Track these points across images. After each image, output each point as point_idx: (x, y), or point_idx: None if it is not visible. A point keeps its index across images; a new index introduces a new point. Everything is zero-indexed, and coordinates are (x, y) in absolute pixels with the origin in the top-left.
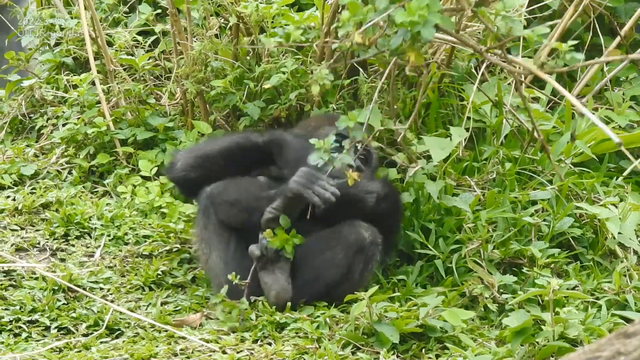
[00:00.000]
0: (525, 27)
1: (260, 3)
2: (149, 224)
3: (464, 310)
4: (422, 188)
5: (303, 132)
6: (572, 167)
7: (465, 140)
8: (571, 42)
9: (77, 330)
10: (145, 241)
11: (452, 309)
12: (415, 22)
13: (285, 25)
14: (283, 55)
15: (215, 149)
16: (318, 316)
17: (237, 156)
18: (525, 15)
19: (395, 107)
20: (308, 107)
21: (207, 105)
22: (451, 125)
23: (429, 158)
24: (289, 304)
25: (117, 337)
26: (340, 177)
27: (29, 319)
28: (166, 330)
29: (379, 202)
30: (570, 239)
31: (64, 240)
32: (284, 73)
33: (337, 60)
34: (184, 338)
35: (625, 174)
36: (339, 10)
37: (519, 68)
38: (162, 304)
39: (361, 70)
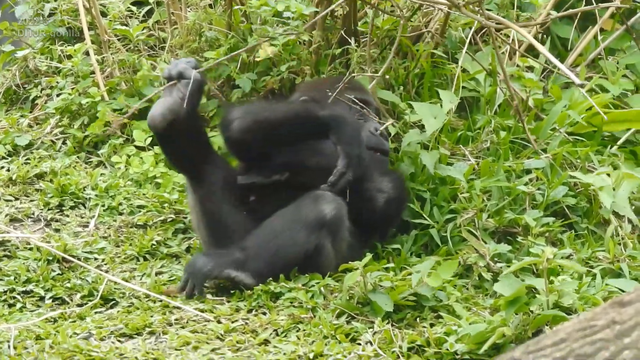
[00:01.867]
0: None
1: None
2: (144, 194)
3: (445, 266)
4: (417, 157)
5: (320, 95)
6: (566, 135)
7: (455, 106)
8: None
9: (71, 300)
10: (140, 211)
11: (434, 271)
12: None
13: None
14: (277, 25)
15: (275, 116)
16: (313, 285)
17: (297, 126)
18: None
19: (387, 76)
20: (299, 79)
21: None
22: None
23: (422, 127)
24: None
25: (111, 307)
26: (377, 147)
27: (24, 289)
28: (161, 300)
29: (388, 204)
30: (565, 208)
31: (58, 210)
32: (275, 46)
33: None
34: (178, 308)
35: (619, 142)
36: None
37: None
38: (157, 274)
39: (352, 39)
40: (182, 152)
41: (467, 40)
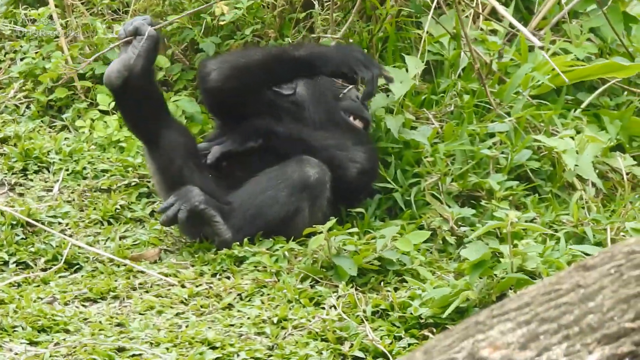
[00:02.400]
0: None
1: None
2: (108, 158)
3: (415, 233)
4: (382, 121)
5: None
6: (529, 99)
7: (420, 71)
8: None
9: (35, 265)
10: (104, 175)
11: (404, 236)
12: None
13: None
14: None
15: (252, 61)
16: (277, 250)
17: (276, 69)
18: None
19: (350, 40)
20: (264, 42)
21: (165, 39)
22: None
23: (386, 91)
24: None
25: (75, 272)
26: (357, 114)
27: None
28: (125, 265)
29: (361, 175)
30: (529, 172)
31: (22, 174)
32: (239, 9)
33: None
34: (142, 272)
35: (583, 105)
36: None
37: None
38: (121, 238)
39: (316, 2)
40: (138, 111)
41: (434, 5)
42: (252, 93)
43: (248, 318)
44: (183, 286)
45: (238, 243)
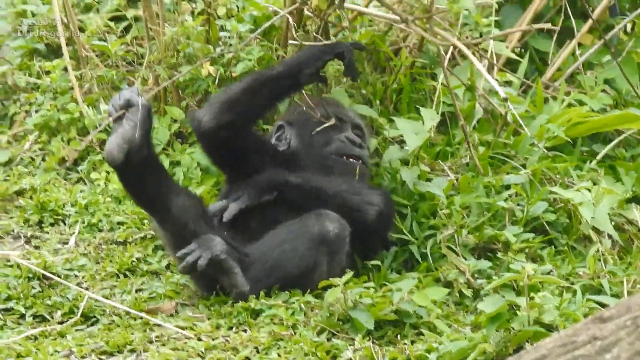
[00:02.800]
0: (496, 11)
1: None
2: (123, 211)
3: (434, 289)
4: (397, 173)
5: (297, 118)
6: (545, 151)
7: (436, 123)
8: (494, 18)
9: (52, 318)
10: (120, 228)
11: (422, 290)
12: None
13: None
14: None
15: (237, 91)
16: (293, 302)
17: (261, 92)
18: None
19: (363, 91)
20: None
21: (179, 91)
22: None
23: (401, 143)
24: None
25: (92, 325)
26: (348, 153)
27: (4, 307)
28: (141, 318)
29: (380, 217)
30: (545, 224)
31: (38, 227)
32: (250, 60)
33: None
34: (159, 325)
35: (598, 157)
36: None
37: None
38: (137, 291)
39: None
40: (142, 182)
41: (448, 56)
42: (246, 123)
43: None
44: (199, 339)
45: (254, 296)
